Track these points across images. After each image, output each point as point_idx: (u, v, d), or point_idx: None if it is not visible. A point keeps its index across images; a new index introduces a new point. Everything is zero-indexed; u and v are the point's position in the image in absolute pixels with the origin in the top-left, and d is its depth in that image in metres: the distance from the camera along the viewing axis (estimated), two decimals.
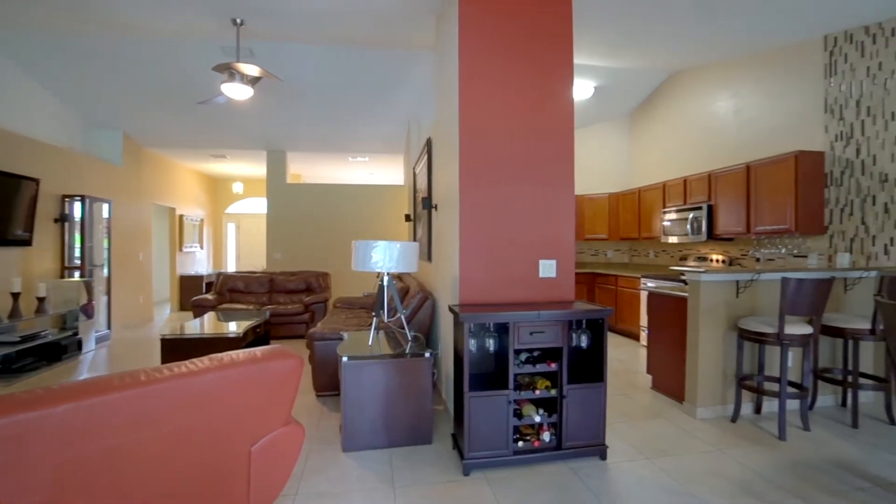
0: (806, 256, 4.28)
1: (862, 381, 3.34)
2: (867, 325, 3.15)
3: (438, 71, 3.84)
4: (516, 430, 2.57)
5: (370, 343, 3.02)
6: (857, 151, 3.84)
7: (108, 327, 6.18)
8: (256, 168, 9.66)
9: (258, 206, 11.63)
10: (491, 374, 2.73)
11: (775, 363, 3.41)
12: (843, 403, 3.56)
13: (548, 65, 2.93)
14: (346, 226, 8.14)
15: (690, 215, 5.21)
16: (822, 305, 2.94)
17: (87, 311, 5.37)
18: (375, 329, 3.15)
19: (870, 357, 3.66)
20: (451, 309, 2.58)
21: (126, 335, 6.47)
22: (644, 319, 5.53)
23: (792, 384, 3.11)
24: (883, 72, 3.68)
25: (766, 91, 4.72)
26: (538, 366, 2.49)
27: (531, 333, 2.43)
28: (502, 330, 2.52)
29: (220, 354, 1.67)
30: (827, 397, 3.58)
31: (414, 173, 5.73)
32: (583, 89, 6.08)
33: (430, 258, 4.19)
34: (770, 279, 3.39)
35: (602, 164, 7.39)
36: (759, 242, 4.78)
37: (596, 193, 7.07)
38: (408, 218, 6.06)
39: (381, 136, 7.57)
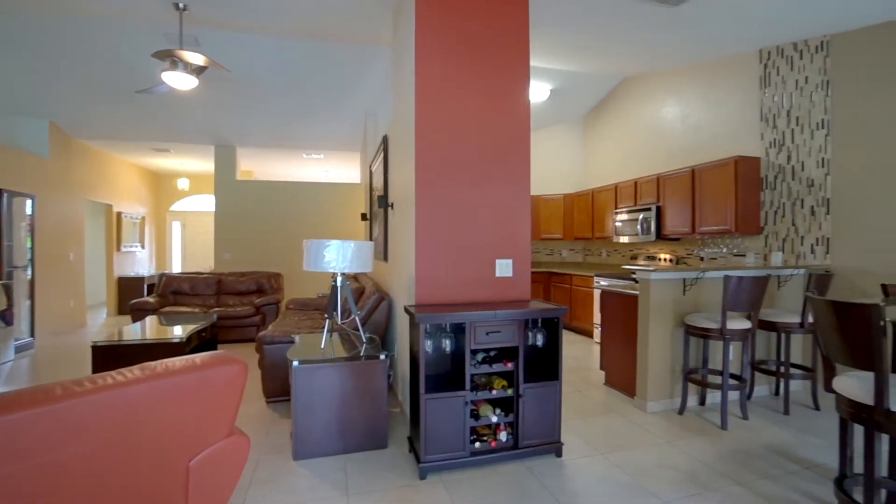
0: (744, 255, 4.54)
1: (792, 371, 3.58)
2: (797, 319, 3.37)
3: (395, 67, 3.77)
4: (473, 430, 2.55)
5: (323, 346, 2.91)
6: (788, 158, 4.12)
7: (32, 334, 5.66)
8: (203, 163, 9.18)
9: (206, 203, 11.08)
10: (448, 374, 2.70)
11: (718, 357, 3.59)
12: (777, 392, 3.80)
13: (505, 64, 2.94)
14: (301, 225, 7.89)
15: (641, 216, 5.42)
16: (759, 301, 3.12)
17: (5, 317, 4.89)
18: (328, 331, 3.04)
19: (799, 349, 3.93)
20: (406, 310, 2.53)
21: (53, 342, 5.94)
22: (597, 317, 5.69)
23: (733, 376, 3.28)
24: (809, 85, 3.95)
25: (709, 99, 4.97)
26: (495, 366, 2.49)
27: (487, 333, 2.42)
28: (459, 330, 2.50)
29: (153, 363, 1.54)
30: (762, 387, 3.80)
31: (370, 171, 5.62)
32: (539, 91, 6.18)
33: (386, 258, 4.12)
34: (713, 277, 3.56)
35: (557, 166, 7.55)
36: (703, 242, 5.03)
37: (552, 194, 7.22)
38: (364, 217, 5.94)
39: (338, 133, 7.39)
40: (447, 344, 2.49)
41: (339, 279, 2.90)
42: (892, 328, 1.91)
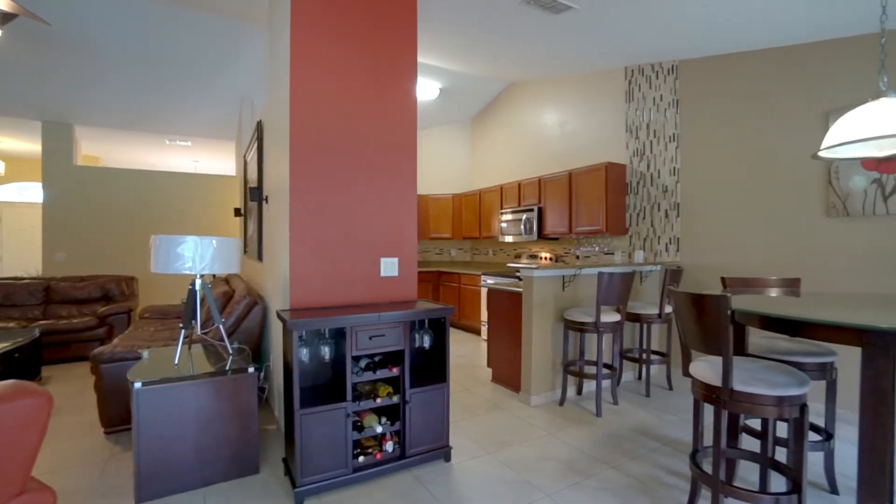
0: (613, 254, 4.98)
1: (652, 357, 3.99)
2: (656, 311, 3.75)
3: (271, 47, 3.38)
4: (357, 444, 2.34)
5: (177, 361, 2.46)
6: (648, 166, 4.60)
7: None
8: (26, 143, 7.52)
9: (31, 192, 9.12)
10: (327, 385, 2.46)
11: (593, 348, 3.85)
12: (640, 377, 4.20)
13: (391, 55, 2.78)
14: (163, 221, 6.86)
15: (524, 216, 5.66)
16: (627, 296, 3.39)
17: None
18: (183, 344, 2.59)
19: (657, 337, 4.41)
20: (279, 315, 2.23)
21: None
22: (485, 315, 5.82)
23: (606, 366, 3.53)
24: (663, 102, 4.46)
25: (583, 108, 5.37)
26: (379, 372, 2.31)
27: (371, 337, 2.23)
28: (339, 335, 2.27)
29: None
30: (628, 373, 4.18)
31: (245, 161, 5.06)
32: (429, 89, 6.14)
33: (260, 257, 3.69)
34: (588, 274, 3.81)
35: (447, 165, 7.62)
36: (578, 241, 5.41)
37: (440, 194, 7.25)
38: (238, 212, 5.33)
39: (208, 118, 6.56)
40: (326, 351, 2.25)
41: (197, 282, 2.47)
42: (733, 317, 2.15)
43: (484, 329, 5.85)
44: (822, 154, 2.08)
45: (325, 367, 2.47)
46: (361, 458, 2.29)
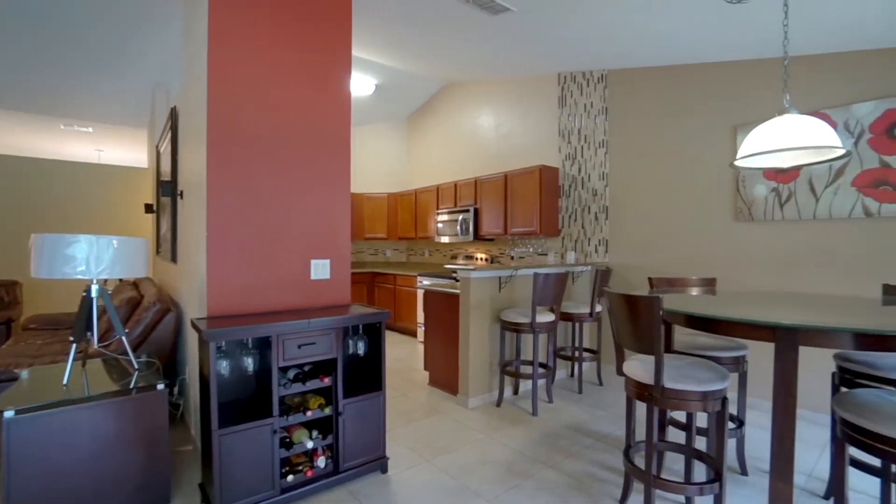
0: (546, 255, 5.11)
1: (584, 354, 4.13)
2: (587, 310, 3.89)
3: (188, 27, 3.06)
4: (285, 462, 2.16)
5: (66, 381, 2.12)
6: (579, 170, 4.77)
7: None
8: None
9: None
10: (251, 399, 2.25)
11: (529, 348, 3.91)
12: (572, 374, 4.34)
13: (324, 44, 2.60)
14: (58, 219, 6.05)
15: (460, 217, 5.65)
16: (561, 296, 3.46)
17: None
18: (76, 359, 2.25)
19: (588, 335, 4.58)
20: (193, 324, 1.99)
21: None
22: (421, 317, 5.75)
23: (541, 365, 3.59)
24: (593, 109, 4.64)
25: (518, 111, 5.47)
26: (309, 383, 2.14)
27: (300, 346, 2.06)
28: (264, 345, 2.08)
29: None
30: (562, 371, 4.30)
31: (158, 153, 4.57)
32: (364, 84, 5.96)
33: (174, 259, 3.33)
34: (524, 274, 3.86)
35: (382, 164, 7.45)
36: (513, 242, 5.50)
37: (376, 193, 7.07)
38: (149, 209, 4.82)
39: (115, 103, 5.87)
40: (250, 363, 2.05)
41: (93, 289, 2.15)
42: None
43: (420, 331, 5.77)
44: (737, 163, 2.23)
45: (248, 380, 2.26)
46: (291, 478, 2.11)
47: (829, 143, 1.86)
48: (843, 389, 2.20)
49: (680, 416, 3.28)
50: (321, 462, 2.21)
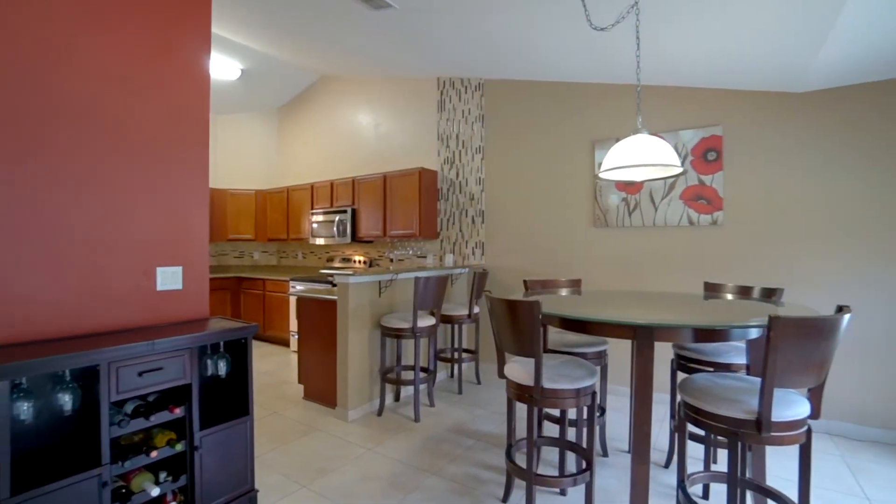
0: (426, 257, 5.12)
1: (463, 355, 4.22)
2: (466, 312, 3.97)
3: None
4: None
5: None
6: (457, 174, 4.87)
7: None
8: None
9: None
10: (70, 445, 1.78)
11: (410, 352, 3.85)
12: (452, 375, 4.41)
13: (178, 6, 2.19)
14: None
15: (337, 218, 5.38)
16: (441, 299, 3.47)
17: None
18: None
19: (467, 335, 4.70)
20: None
21: None
22: (294, 324, 5.33)
23: (423, 369, 3.55)
24: (471, 116, 4.79)
25: (398, 112, 5.40)
26: (155, 416, 1.77)
27: (141, 373, 1.69)
28: (90, 375, 1.66)
29: None
30: (441, 373, 4.34)
31: None
32: (228, 68, 5.33)
33: None
34: (405, 278, 3.79)
35: (249, 158, 6.78)
36: (392, 244, 5.41)
37: (242, 189, 6.39)
38: None
39: None
40: (68, 400, 1.61)
41: None
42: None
43: (293, 340, 5.35)
44: (601, 175, 2.45)
45: (66, 422, 1.78)
46: None
47: (672, 161, 2.13)
48: (680, 374, 2.55)
49: (553, 409, 3.52)
50: None
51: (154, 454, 1.76)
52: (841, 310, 1.60)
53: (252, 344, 2.14)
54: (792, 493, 2.14)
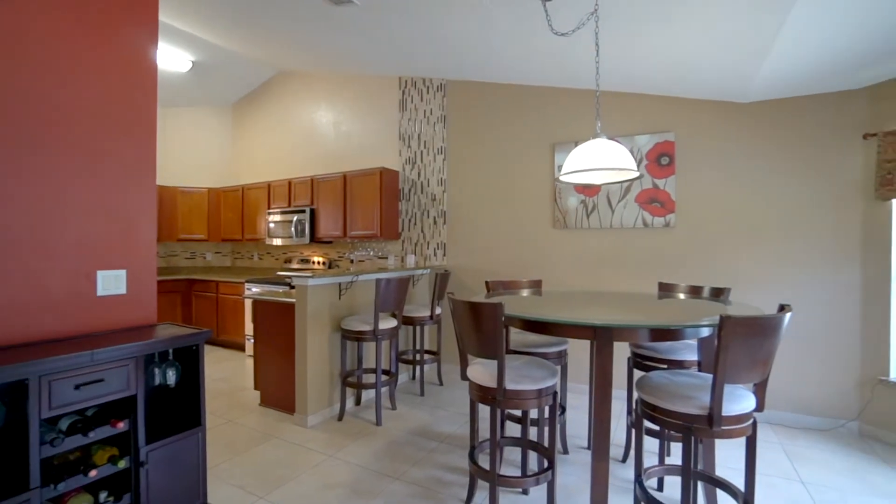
0: (387, 258, 5.06)
1: (425, 356, 4.20)
2: (428, 313, 3.95)
3: None
4: None
5: None
6: (419, 174, 4.84)
7: None
8: None
9: None
10: None
11: (371, 356, 3.79)
12: (414, 377, 4.37)
13: None
14: None
15: (295, 218, 5.23)
16: (403, 300, 3.43)
17: None
18: None
19: (429, 337, 4.68)
20: None
21: None
22: (250, 328, 5.13)
23: (384, 372, 3.50)
24: (433, 116, 4.77)
25: (358, 111, 5.30)
26: (95, 432, 1.64)
27: (79, 386, 1.56)
28: (18, 390, 1.51)
29: None
30: (403, 374, 4.29)
31: None
32: (178, 60, 5.06)
33: None
34: (366, 279, 3.72)
35: (201, 154, 6.47)
36: (353, 245, 5.31)
37: (193, 187, 6.09)
38: None
39: None
40: None
41: None
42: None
43: (249, 344, 5.15)
44: (562, 178, 2.49)
45: None
46: None
47: (629, 166, 2.20)
48: (637, 371, 2.64)
49: (516, 410, 3.56)
50: None
51: (93, 473, 1.63)
52: (783, 308, 1.70)
53: (204, 350, 2.02)
54: (738, 480, 2.26)
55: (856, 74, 2.90)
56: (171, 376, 1.92)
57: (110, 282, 1.97)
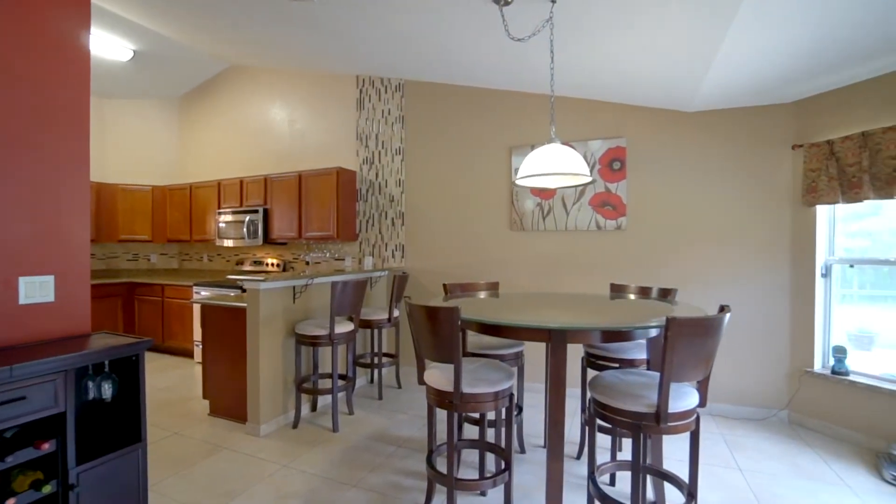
0: (343, 259, 4.96)
1: (384, 359, 4.15)
2: (386, 316, 3.91)
3: None
4: None
5: None
6: (377, 175, 4.78)
7: None
8: None
9: None
10: None
11: (327, 360, 3.70)
12: (372, 380, 4.31)
13: None
14: None
15: (247, 218, 5.03)
16: (360, 304, 3.37)
17: None
18: None
19: (387, 339, 4.62)
20: None
21: None
22: (198, 334, 4.88)
23: (341, 377, 3.43)
24: (391, 116, 4.72)
25: (315, 109, 5.17)
26: (14, 455, 1.50)
27: None
28: None
29: None
30: (361, 378, 4.22)
31: None
32: (116, 48, 4.75)
33: None
34: (321, 282, 3.63)
35: (145, 150, 6.10)
36: (308, 246, 5.17)
37: (135, 184, 5.73)
38: None
39: None
40: None
41: None
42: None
43: (198, 351, 4.90)
44: (518, 182, 2.52)
45: None
46: None
47: (583, 171, 2.26)
48: (590, 371, 2.71)
49: (473, 413, 3.57)
50: None
51: (11, 502, 1.49)
52: (723, 309, 1.80)
53: (145, 359, 1.89)
54: (683, 472, 2.37)
55: (785, 89, 3.12)
56: (108, 390, 1.79)
57: (34, 289, 1.80)
